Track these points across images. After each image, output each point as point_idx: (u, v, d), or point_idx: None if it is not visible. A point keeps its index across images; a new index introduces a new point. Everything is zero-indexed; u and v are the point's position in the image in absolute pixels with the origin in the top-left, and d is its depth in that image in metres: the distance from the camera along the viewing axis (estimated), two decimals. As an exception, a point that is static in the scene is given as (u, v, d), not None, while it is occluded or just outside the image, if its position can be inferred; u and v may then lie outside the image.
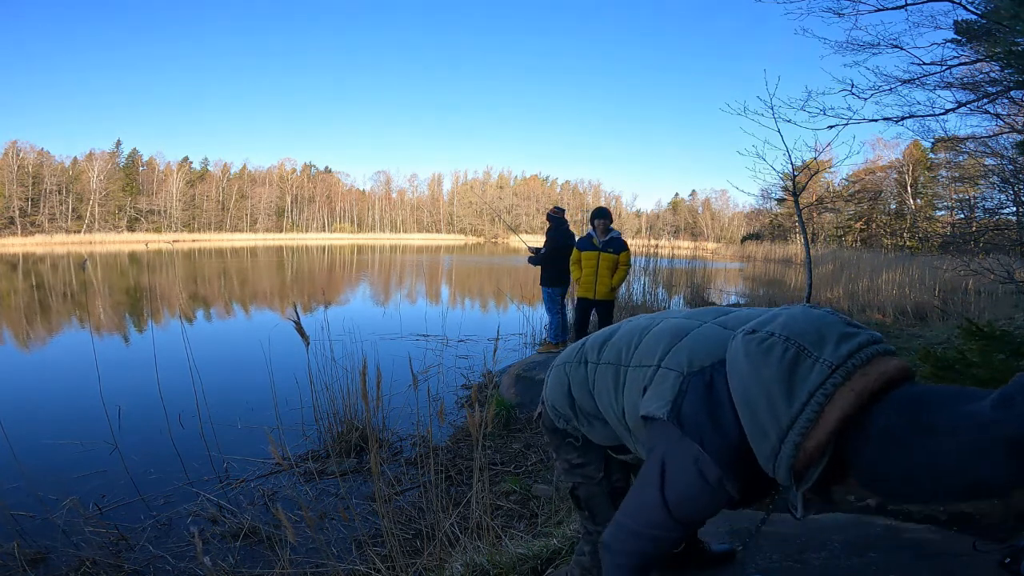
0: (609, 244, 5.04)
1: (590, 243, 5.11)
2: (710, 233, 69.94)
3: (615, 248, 5.05)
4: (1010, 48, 3.63)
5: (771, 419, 0.82)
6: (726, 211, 76.81)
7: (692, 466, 0.90)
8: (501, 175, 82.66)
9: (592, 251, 5.06)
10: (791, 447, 0.80)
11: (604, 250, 5.03)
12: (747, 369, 0.87)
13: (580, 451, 1.29)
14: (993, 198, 14.05)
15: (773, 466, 0.83)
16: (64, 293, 14.29)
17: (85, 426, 4.06)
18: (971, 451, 0.69)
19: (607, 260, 5.02)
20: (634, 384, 1.06)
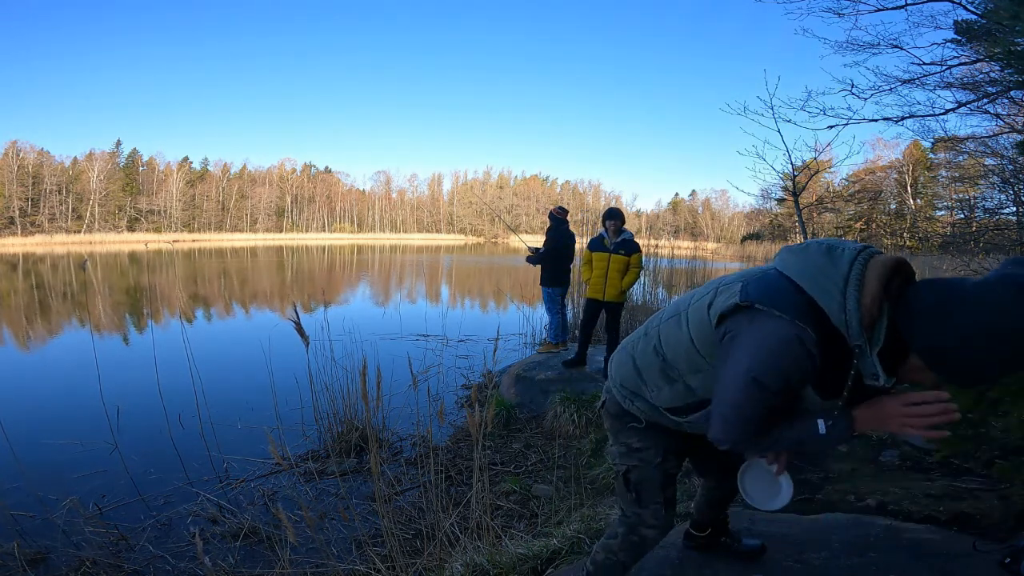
0: (621, 246, 4.88)
1: (601, 244, 4.95)
2: (710, 233, 69.94)
3: (627, 250, 4.89)
4: (1010, 48, 3.63)
5: (827, 280, 0.99)
6: (726, 211, 76.85)
7: (771, 331, 1.01)
8: (501, 175, 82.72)
9: (603, 252, 4.90)
10: (854, 301, 0.96)
11: (615, 252, 4.86)
12: (795, 259, 1.06)
13: (641, 435, 1.39)
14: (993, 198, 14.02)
15: (845, 320, 0.98)
16: (64, 293, 14.29)
17: (85, 426, 4.06)
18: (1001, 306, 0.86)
19: (618, 262, 4.87)
20: (697, 313, 1.18)
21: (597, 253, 4.94)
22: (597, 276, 4.93)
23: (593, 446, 3.78)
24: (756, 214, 47.88)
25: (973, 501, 2.26)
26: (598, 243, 4.99)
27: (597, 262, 4.94)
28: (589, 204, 73.76)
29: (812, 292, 1.01)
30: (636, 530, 1.42)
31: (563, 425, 4.18)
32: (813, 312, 1.00)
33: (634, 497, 1.42)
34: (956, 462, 2.69)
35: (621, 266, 4.88)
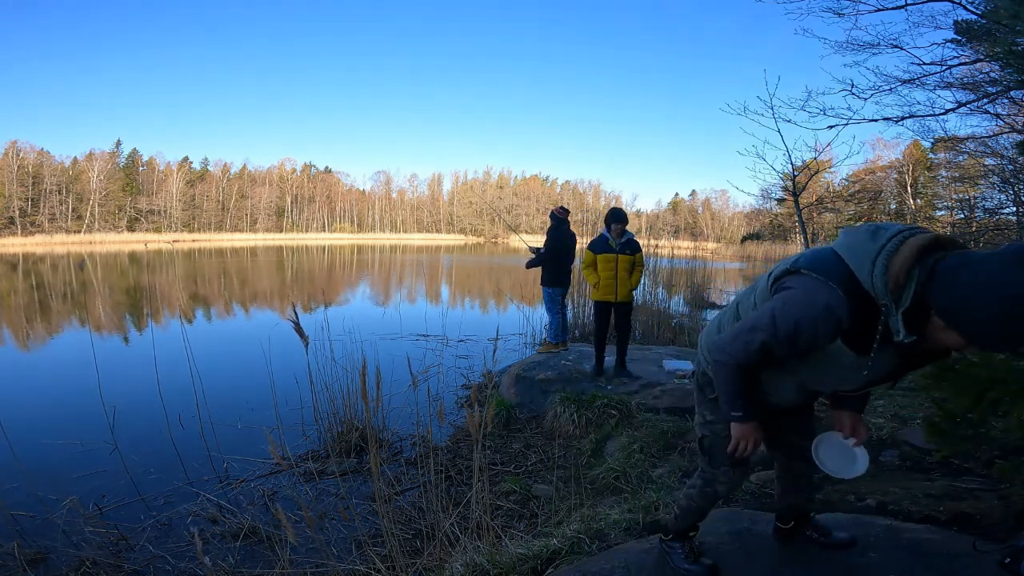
0: (626, 246, 4.85)
1: (606, 245, 4.87)
2: (710, 233, 69.92)
3: (631, 249, 4.88)
4: (1010, 48, 3.63)
5: (863, 251, 1.18)
6: (726, 211, 76.83)
7: (806, 288, 1.25)
8: (501, 175, 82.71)
9: (609, 253, 4.83)
10: (882, 267, 1.14)
11: (621, 252, 4.82)
12: (845, 237, 1.26)
13: (714, 408, 1.62)
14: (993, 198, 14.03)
15: (872, 283, 1.15)
16: (64, 293, 14.29)
17: (85, 426, 4.06)
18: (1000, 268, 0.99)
19: (625, 261, 4.82)
20: (762, 281, 1.45)
21: (603, 255, 4.86)
22: (607, 278, 4.86)
23: (593, 446, 3.78)
24: (756, 214, 47.87)
25: (973, 501, 2.26)
26: (602, 245, 4.89)
27: (604, 264, 4.85)
28: (589, 204, 73.72)
29: (850, 262, 1.20)
30: (711, 484, 1.70)
31: (563, 425, 4.18)
32: (849, 279, 1.19)
33: (707, 460, 1.70)
34: (956, 462, 2.69)
35: (628, 265, 4.85)
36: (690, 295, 10.95)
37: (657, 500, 2.63)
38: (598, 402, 4.19)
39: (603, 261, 4.86)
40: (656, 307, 8.56)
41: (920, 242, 1.12)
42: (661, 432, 3.67)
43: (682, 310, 9.78)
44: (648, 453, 3.44)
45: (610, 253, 4.83)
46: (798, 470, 1.77)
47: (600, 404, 4.17)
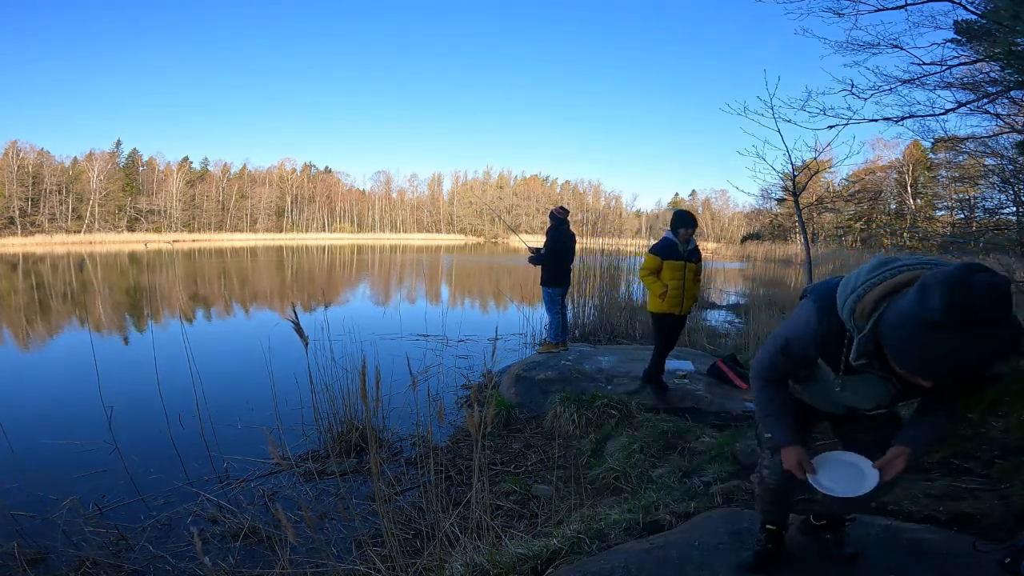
0: (693, 253, 4.44)
1: (676, 251, 4.35)
2: (710, 233, 69.88)
3: (697, 256, 4.49)
4: (1010, 48, 3.63)
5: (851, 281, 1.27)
6: (726, 211, 76.85)
7: (802, 312, 1.43)
8: (501, 175, 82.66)
9: (679, 260, 4.34)
10: (854, 298, 1.24)
11: (690, 259, 4.38)
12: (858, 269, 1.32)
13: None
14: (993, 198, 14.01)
15: (843, 307, 1.27)
16: (64, 293, 14.30)
17: (85, 426, 4.06)
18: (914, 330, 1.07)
19: (692, 270, 4.40)
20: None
21: (672, 262, 4.34)
22: (675, 287, 4.35)
23: (593, 446, 3.78)
24: (756, 214, 47.89)
25: (973, 501, 2.26)
26: (672, 250, 4.36)
27: (672, 272, 4.34)
28: (589, 204, 73.71)
29: (840, 290, 1.31)
30: (759, 467, 1.81)
31: (563, 425, 4.18)
32: (831, 305, 1.33)
33: (757, 443, 1.85)
34: (956, 462, 2.69)
35: (694, 275, 4.45)
36: (690, 295, 10.92)
37: (657, 500, 2.64)
38: (598, 402, 4.19)
39: (671, 269, 4.35)
40: (656, 307, 8.55)
41: (900, 281, 1.18)
42: (661, 432, 3.67)
43: (682, 310, 9.76)
44: (648, 453, 3.44)
45: (679, 260, 4.34)
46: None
47: (600, 404, 4.17)
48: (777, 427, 1.57)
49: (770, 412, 1.58)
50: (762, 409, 1.61)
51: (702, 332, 8.11)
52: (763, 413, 1.60)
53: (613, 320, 8.11)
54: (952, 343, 1.01)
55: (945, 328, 1.01)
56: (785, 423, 1.56)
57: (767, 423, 1.60)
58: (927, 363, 1.07)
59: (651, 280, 4.41)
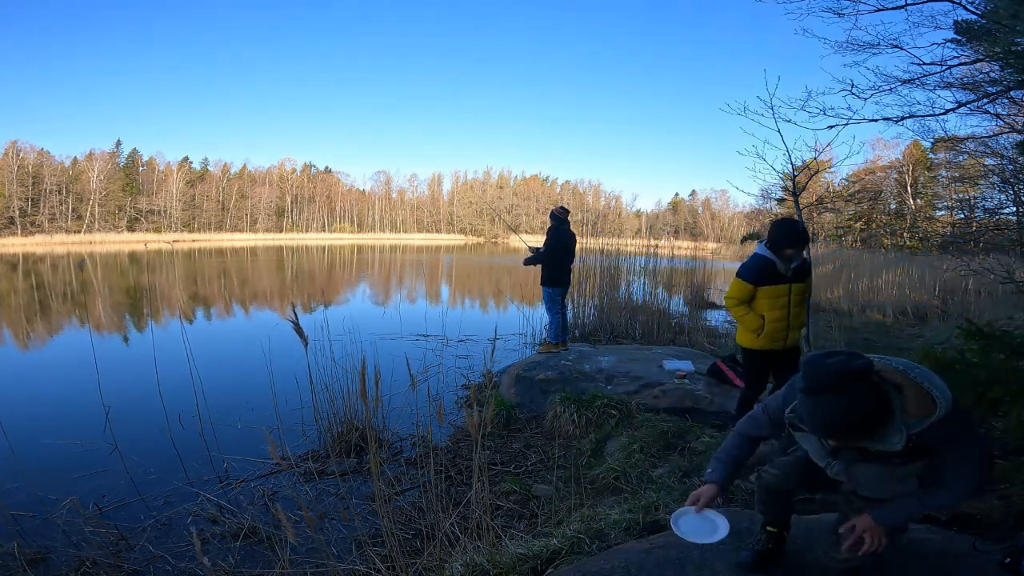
0: (799, 270, 3.32)
1: (774, 273, 3.25)
2: (710, 233, 69.85)
3: (806, 272, 3.41)
4: (1010, 48, 3.63)
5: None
6: (726, 211, 76.78)
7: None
8: (501, 175, 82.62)
9: (781, 284, 3.25)
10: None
11: (795, 279, 3.28)
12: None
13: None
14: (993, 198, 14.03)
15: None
16: (64, 293, 14.30)
17: (85, 426, 4.06)
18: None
19: (799, 292, 3.32)
20: None
21: (771, 287, 3.26)
22: (778, 317, 3.27)
23: (593, 446, 3.78)
24: (756, 214, 47.80)
25: (973, 501, 2.26)
26: (769, 272, 3.25)
27: (772, 299, 3.26)
28: (589, 204, 73.72)
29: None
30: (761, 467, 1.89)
31: (563, 425, 4.18)
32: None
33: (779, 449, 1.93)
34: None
35: (801, 296, 3.36)
36: (690, 295, 10.95)
37: (657, 500, 2.64)
38: (598, 402, 4.19)
39: (770, 296, 3.26)
40: (656, 307, 8.56)
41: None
42: (661, 432, 3.67)
43: (682, 310, 9.78)
44: (648, 453, 3.44)
45: (782, 284, 3.25)
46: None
47: (600, 404, 4.17)
48: (712, 467, 1.79)
49: (718, 455, 1.81)
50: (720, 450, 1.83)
51: (702, 332, 8.11)
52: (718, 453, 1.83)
53: (613, 320, 8.10)
54: (807, 405, 1.40)
55: (803, 392, 1.41)
56: (721, 467, 1.77)
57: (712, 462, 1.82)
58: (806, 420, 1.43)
59: (741, 312, 3.34)
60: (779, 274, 3.24)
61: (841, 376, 1.34)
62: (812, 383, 1.38)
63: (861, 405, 1.34)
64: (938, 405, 1.37)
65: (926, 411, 1.37)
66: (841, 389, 1.34)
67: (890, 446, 1.40)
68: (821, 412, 1.37)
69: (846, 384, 1.34)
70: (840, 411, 1.34)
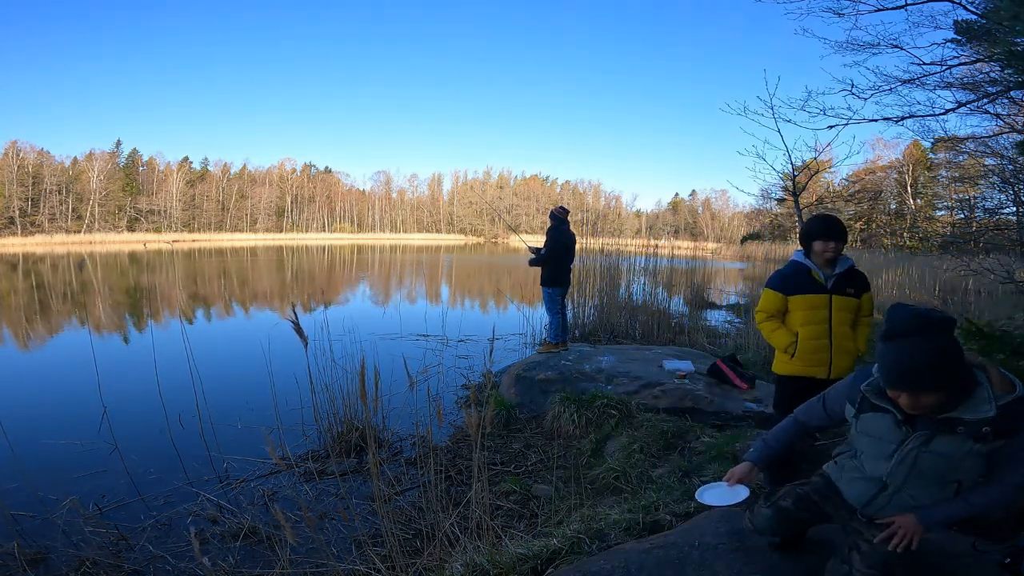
0: (845, 280, 2.60)
1: (809, 280, 2.60)
2: (710, 233, 69.86)
3: (854, 285, 2.62)
4: (1010, 48, 3.63)
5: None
6: (726, 211, 76.79)
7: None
8: (501, 175, 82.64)
9: (815, 294, 2.58)
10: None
11: (837, 291, 2.58)
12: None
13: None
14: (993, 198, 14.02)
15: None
16: (64, 293, 14.29)
17: (85, 426, 4.06)
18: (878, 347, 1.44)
19: (844, 308, 2.59)
20: None
21: (802, 297, 2.62)
22: (814, 335, 2.58)
23: (593, 446, 3.78)
24: (756, 214, 47.83)
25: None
26: (800, 279, 2.62)
27: (806, 312, 2.61)
28: (589, 204, 73.73)
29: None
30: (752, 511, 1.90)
31: (563, 425, 4.18)
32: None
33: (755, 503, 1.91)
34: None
35: (849, 315, 2.62)
36: (690, 295, 10.95)
37: (657, 500, 2.64)
38: (598, 402, 4.19)
39: (804, 308, 2.62)
40: (656, 307, 8.56)
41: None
42: (661, 432, 3.67)
43: (682, 310, 9.78)
44: (648, 453, 3.44)
45: (815, 294, 2.59)
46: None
47: (600, 404, 4.17)
48: (755, 446, 1.81)
49: (765, 435, 1.81)
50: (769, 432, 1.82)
51: (702, 332, 8.11)
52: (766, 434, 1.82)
53: (613, 320, 8.10)
54: (889, 351, 1.36)
55: (883, 340, 1.37)
56: (763, 446, 1.78)
57: (757, 441, 1.82)
58: (882, 371, 1.39)
59: (770, 327, 2.70)
60: (815, 283, 2.59)
61: (927, 320, 1.32)
62: (895, 327, 1.35)
63: (949, 350, 1.32)
64: (1017, 386, 1.38)
65: (1008, 388, 1.37)
66: (927, 333, 1.32)
67: (982, 413, 1.36)
68: (906, 356, 1.32)
69: (932, 329, 1.32)
70: (929, 354, 1.30)
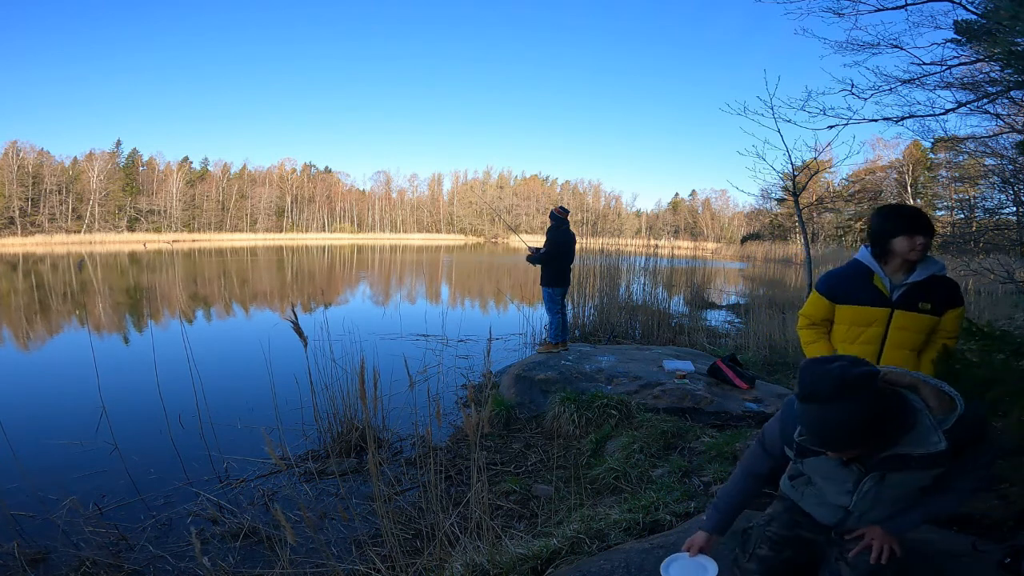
0: (921, 291, 1.98)
1: (868, 287, 2.02)
2: (710, 233, 69.89)
3: (937, 300, 1.99)
4: (1010, 48, 3.63)
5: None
6: (726, 211, 76.79)
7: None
8: (501, 175, 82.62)
9: (871, 307, 2.01)
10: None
11: (905, 305, 1.98)
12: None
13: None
14: (993, 198, 14.02)
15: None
16: (64, 293, 14.29)
17: (85, 426, 4.06)
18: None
19: (912, 327, 2.00)
20: None
21: (852, 308, 2.05)
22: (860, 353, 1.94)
23: (593, 446, 3.78)
24: (756, 214, 47.84)
25: (973, 501, 2.25)
26: (859, 284, 2.04)
27: (854, 327, 2.06)
28: (589, 204, 73.76)
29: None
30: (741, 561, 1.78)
31: (563, 425, 4.18)
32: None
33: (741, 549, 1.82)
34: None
35: (916, 337, 2.00)
36: (690, 295, 10.96)
37: (657, 500, 2.64)
38: (598, 402, 4.19)
39: (850, 323, 2.07)
40: (656, 307, 8.56)
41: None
42: (661, 432, 3.67)
43: (682, 310, 9.79)
44: (648, 453, 3.44)
45: (871, 306, 2.00)
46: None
47: (600, 404, 4.17)
48: (708, 513, 1.72)
49: (716, 501, 1.73)
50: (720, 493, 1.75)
51: (702, 332, 8.12)
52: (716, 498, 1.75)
53: (613, 320, 8.11)
54: (806, 413, 1.31)
55: (799, 400, 1.32)
56: (716, 515, 1.69)
57: (709, 507, 1.74)
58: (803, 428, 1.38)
59: (808, 337, 2.19)
60: (875, 291, 1.99)
61: (842, 384, 1.23)
62: (809, 392, 1.27)
63: (868, 409, 1.24)
64: (956, 401, 1.32)
65: (947, 407, 1.32)
66: (843, 397, 1.23)
67: (932, 447, 1.29)
68: (825, 419, 1.26)
69: (847, 392, 1.23)
70: (846, 417, 1.23)
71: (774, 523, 1.68)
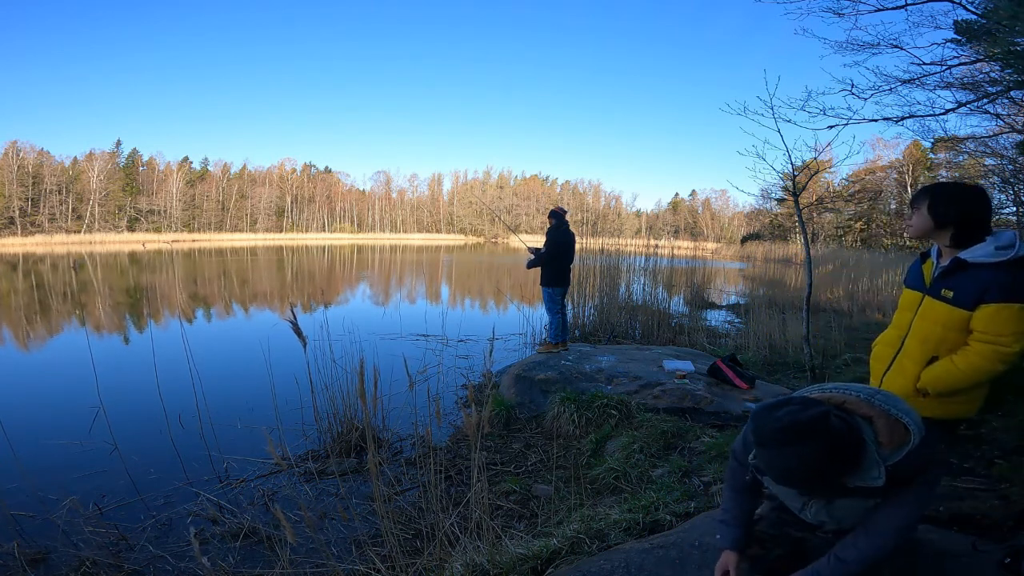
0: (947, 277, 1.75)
1: (917, 271, 1.92)
2: (710, 233, 69.88)
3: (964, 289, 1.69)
4: (1010, 48, 3.63)
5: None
6: (726, 211, 76.77)
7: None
8: (501, 175, 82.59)
9: (912, 291, 1.91)
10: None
11: (933, 292, 1.78)
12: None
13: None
14: (993, 198, 14.07)
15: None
16: (64, 293, 14.29)
17: (85, 426, 4.06)
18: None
19: (933, 317, 1.78)
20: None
21: (904, 292, 1.97)
22: (885, 342, 1.99)
23: (593, 446, 3.78)
24: (756, 214, 47.85)
25: (973, 501, 2.26)
26: (915, 268, 1.94)
27: (898, 311, 1.96)
28: (589, 204, 73.76)
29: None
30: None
31: (563, 425, 4.18)
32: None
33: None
34: (956, 462, 2.69)
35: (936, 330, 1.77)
36: (690, 295, 10.95)
37: (657, 500, 2.64)
38: (598, 402, 4.19)
39: (900, 302, 1.98)
40: (656, 307, 8.56)
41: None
42: (661, 432, 3.67)
43: (682, 310, 9.79)
44: (648, 453, 3.44)
45: (913, 290, 1.91)
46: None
47: (600, 404, 4.16)
48: (720, 532, 1.69)
49: (721, 517, 1.70)
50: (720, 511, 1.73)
51: (702, 332, 8.11)
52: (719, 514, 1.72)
53: (613, 320, 8.11)
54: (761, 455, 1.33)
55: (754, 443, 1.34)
56: (727, 529, 1.66)
57: (718, 526, 1.71)
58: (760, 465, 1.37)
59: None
60: (919, 274, 1.90)
61: (793, 430, 1.25)
62: (761, 437, 1.31)
63: (820, 454, 1.25)
64: (912, 433, 1.32)
65: (900, 440, 1.31)
66: (795, 442, 1.25)
67: (870, 481, 1.31)
68: (778, 464, 1.30)
69: (799, 438, 1.25)
70: (799, 462, 1.26)
71: (763, 522, 1.70)
